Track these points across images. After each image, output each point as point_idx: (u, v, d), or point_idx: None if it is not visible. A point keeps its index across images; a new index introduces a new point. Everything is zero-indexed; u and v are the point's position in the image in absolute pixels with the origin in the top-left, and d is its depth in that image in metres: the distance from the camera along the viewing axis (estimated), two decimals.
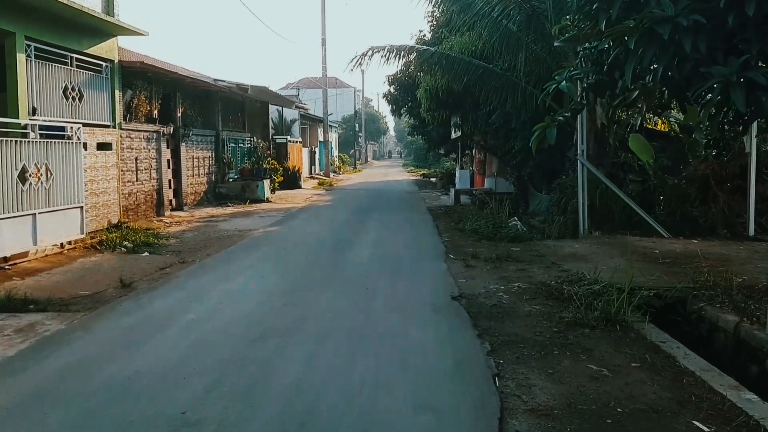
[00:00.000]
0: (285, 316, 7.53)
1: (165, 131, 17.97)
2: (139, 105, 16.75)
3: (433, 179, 39.54)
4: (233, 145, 24.55)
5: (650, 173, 15.97)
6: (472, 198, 21.74)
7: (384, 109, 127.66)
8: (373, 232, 15.47)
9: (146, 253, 11.84)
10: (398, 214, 19.90)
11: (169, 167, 18.93)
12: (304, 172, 37.35)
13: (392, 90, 30.04)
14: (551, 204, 16.71)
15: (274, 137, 31.83)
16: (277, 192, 26.31)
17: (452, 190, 23.79)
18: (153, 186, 17.46)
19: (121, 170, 15.57)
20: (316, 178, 38.43)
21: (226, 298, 8.49)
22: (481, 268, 10.52)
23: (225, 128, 23.83)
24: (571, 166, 18.85)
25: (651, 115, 19.69)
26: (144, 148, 16.89)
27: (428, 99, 21.59)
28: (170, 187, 19.02)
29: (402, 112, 30.61)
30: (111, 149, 14.90)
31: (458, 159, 33.05)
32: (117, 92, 15.24)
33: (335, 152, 56.29)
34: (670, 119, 21.56)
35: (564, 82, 7.18)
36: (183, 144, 19.66)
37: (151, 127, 17.32)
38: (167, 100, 19.02)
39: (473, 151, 28.49)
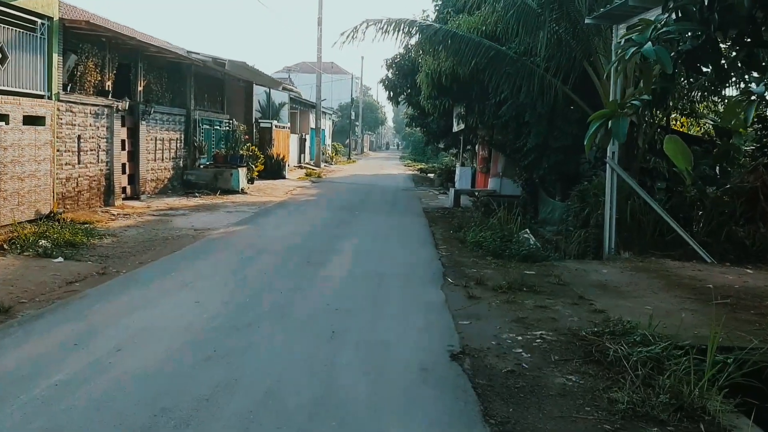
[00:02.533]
0: (200, 383, 4.97)
1: (120, 106, 15.36)
2: (86, 74, 14.15)
3: (431, 175, 36.97)
4: (207, 127, 21.92)
5: (687, 183, 13.52)
6: (474, 200, 19.21)
7: (383, 98, 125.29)
8: (356, 238, 12.92)
9: (60, 259, 9.26)
10: (389, 216, 17.35)
11: (124, 149, 16.33)
12: (291, 160, 34.73)
13: (390, 75, 27.39)
14: (567, 213, 14.21)
15: (259, 121, 29.20)
16: (256, 182, 23.71)
17: (452, 190, 21.26)
18: (101, 170, 14.86)
19: (58, 150, 12.97)
20: (305, 168, 35.84)
21: (129, 341, 5.94)
22: (489, 301, 7.98)
23: (198, 107, 21.20)
24: (591, 170, 16.44)
25: (677, 115, 17.31)
26: (91, 125, 14.27)
27: (429, 85, 19.00)
28: (125, 173, 16.43)
29: (400, 99, 27.98)
30: (44, 125, 12.30)
31: (459, 155, 30.48)
32: (56, 56, 12.62)
33: (328, 141, 53.65)
34: (706, 121, 19.16)
35: (648, 44, 4.55)
36: (143, 122, 17.04)
37: (101, 100, 14.70)
38: (125, 70, 16.39)
39: (477, 147, 25.92)
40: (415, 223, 15.88)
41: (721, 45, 4.55)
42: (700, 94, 16.80)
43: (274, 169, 27.32)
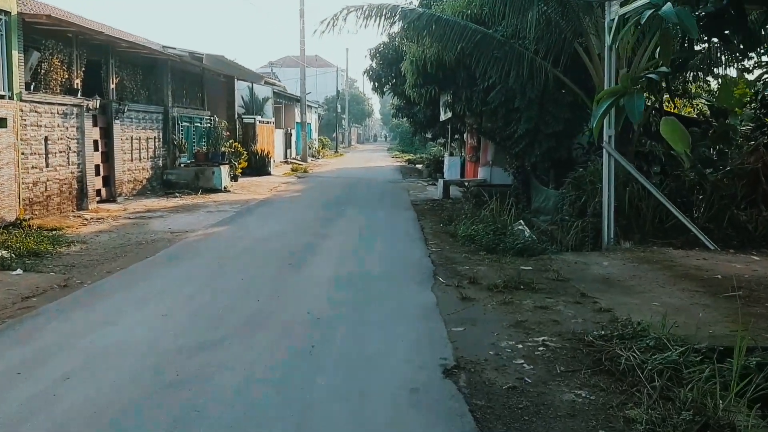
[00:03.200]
0: (156, 419, 4.31)
1: (90, 105, 14.59)
2: (51, 72, 13.39)
3: (419, 166, 36.30)
4: (187, 124, 21.15)
5: (686, 166, 12.96)
6: (464, 191, 18.57)
7: (369, 90, 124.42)
8: (342, 236, 12.26)
9: (19, 270, 8.54)
10: (377, 210, 16.69)
11: (97, 150, 15.58)
12: (277, 156, 33.98)
13: (374, 65, 26.61)
14: (562, 202, 13.59)
15: (242, 117, 28.43)
16: (240, 179, 22.96)
17: (440, 181, 20.60)
18: (72, 173, 14.11)
19: (23, 153, 12.24)
20: (291, 163, 35.09)
21: (81, 367, 5.27)
22: (484, 302, 7.35)
23: (177, 104, 20.43)
24: (585, 156, 15.85)
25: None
26: (59, 125, 13.52)
27: (414, 73, 18.30)
28: (99, 174, 15.68)
29: (385, 90, 27.22)
30: (5, 126, 11.56)
31: (447, 144, 29.84)
32: (15, 53, 11.86)
33: (314, 135, 52.84)
34: (699, 101, 18.61)
35: (667, 5, 3.87)
36: (117, 121, 16.28)
37: (69, 99, 13.94)
38: (95, 68, 15.62)
39: (465, 135, 25.28)
40: (404, 218, 15.24)
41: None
42: (692, 73, 16.25)
43: (258, 166, 26.58)
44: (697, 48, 15.67)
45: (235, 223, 13.65)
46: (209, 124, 22.63)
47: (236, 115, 26.69)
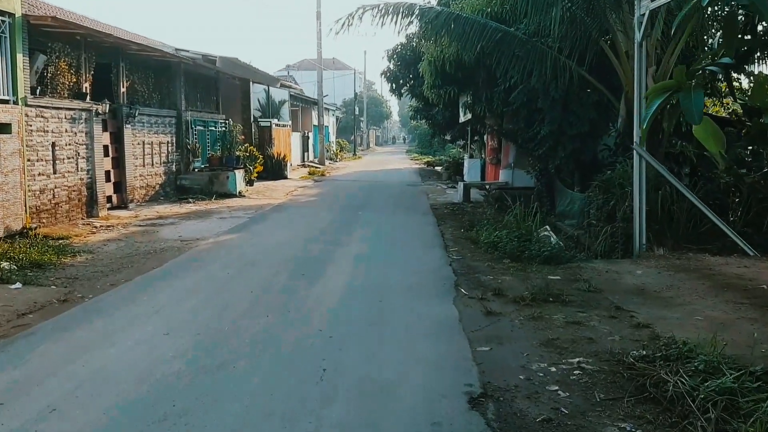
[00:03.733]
0: None
1: (100, 110, 14.22)
2: (57, 75, 13.02)
3: (438, 168, 35.71)
4: (201, 128, 20.77)
5: (720, 167, 12.30)
6: (485, 195, 17.97)
7: (387, 92, 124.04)
8: (358, 243, 11.74)
9: (18, 284, 8.10)
10: (395, 215, 16.15)
11: (107, 155, 15.21)
12: (294, 159, 33.57)
13: (392, 66, 26.14)
14: (588, 205, 12.97)
15: (258, 120, 28.05)
16: (256, 184, 22.58)
17: (460, 184, 20.00)
18: (81, 179, 13.74)
19: (29, 160, 11.87)
20: (309, 167, 34.66)
21: (69, 396, 4.79)
22: (511, 317, 6.79)
23: (190, 108, 20.05)
24: (612, 157, 15.20)
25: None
26: (67, 131, 13.14)
27: (432, 73, 17.78)
28: (110, 181, 15.30)
29: (403, 91, 26.71)
30: (10, 132, 11.17)
31: (467, 146, 29.21)
32: (20, 56, 11.50)
33: (332, 138, 52.42)
34: (729, 100, 17.86)
35: None
36: (128, 126, 15.91)
37: (77, 104, 13.56)
38: (105, 71, 15.26)
39: (485, 137, 24.65)
40: (423, 223, 14.69)
41: None
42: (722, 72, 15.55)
43: (274, 170, 26.17)
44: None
45: (247, 230, 13.19)
46: (224, 128, 22.23)
47: (252, 119, 26.32)
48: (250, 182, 21.70)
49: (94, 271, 9.07)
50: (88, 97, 14.06)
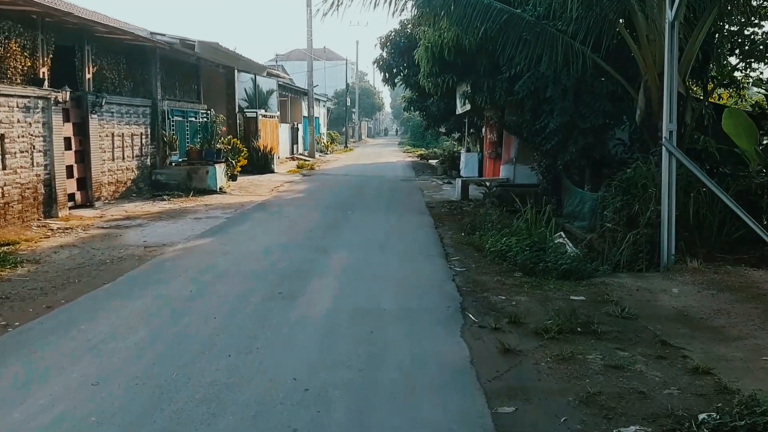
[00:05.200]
0: None
1: (60, 98, 12.72)
2: (8, 58, 11.50)
3: (433, 162, 34.31)
4: (179, 118, 19.25)
5: (753, 165, 11.04)
6: (485, 193, 16.59)
7: (379, 83, 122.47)
8: (347, 250, 10.34)
9: None
10: (388, 215, 14.73)
11: (70, 148, 13.73)
12: (282, 152, 32.09)
13: (385, 54, 24.67)
14: (601, 206, 11.63)
15: (244, 111, 26.54)
16: (240, 178, 21.08)
17: (458, 181, 18.61)
18: (38, 176, 12.25)
19: None
20: (297, 160, 33.16)
21: None
22: (536, 358, 5.42)
23: (168, 97, 18.54)
24: (627, 153, 13.87)
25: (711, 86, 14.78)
26: (18, 121, 11.65)
27: (429, 60, 16.38)
28: (73, 176, 13.82)
29: (396, 81, 25.26)
30: None
31: (463, 139, 27.84)
32: None
33: (323, 129, 50.89)
34: (748, 92, 16.59)
35: None
36: (94, 116, 14.42)
37: (32, 91, 12.05)
38: (68, 55, 13.76)
39: (483, 130, 23.28)
40: (419, 224, 13.29)
41: None
42: (739, 61, 14.28)
43: (260, 163, 24.70)
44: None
45: (223, 234, 11.76)
46: (205, 119, 20.71)
47: (237, 109, 24.80)
48: (232, 177, 20.22)
49: (32, 288, 7.63)
50: (46, 83, 12.55)
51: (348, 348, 5.65)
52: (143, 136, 17.15)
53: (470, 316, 6.63)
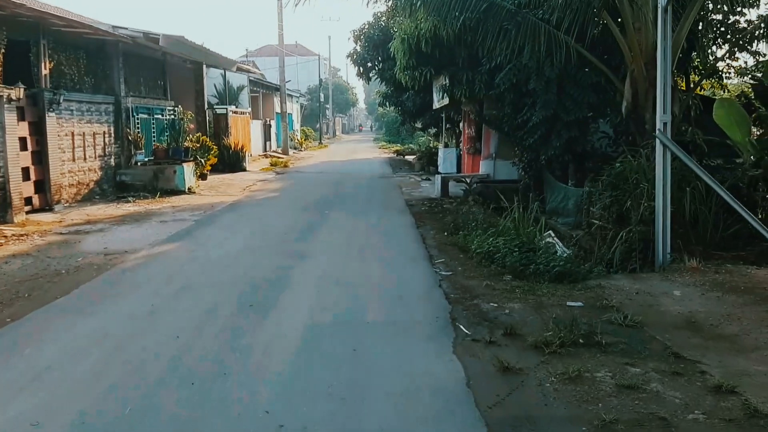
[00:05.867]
0: None
1: (12, 95, 11.86)
2: None
3: (410, 158, 33.74)
4: (145, 116, 18.39)
5: (746, 158, 10.67)
6: (466, 190, 16.04)
7: (353, 79, 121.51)
8: (324, 254, 9.69)
9: None
10: (367, 214, 14.09)
11: (25, 149, 12.86)
12: (255, 149, 31.26)
13: (359, 48, 24.00)
14: (587, 201, 11.17)
15: (214, 107, 25.69)
16: (210, 177, 20.31)
17: (438, 177, 18.03)
18: None
19: None
20: (271, 157, 32.34)
21: None
22: (539, 377, 4.84)
23: (132, 93, 17.67)
24: (611, 146, 13.43)
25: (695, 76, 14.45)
26: None
27: (406, 53, 15.74)
28: (29, 179, 12.96)
29: (371, 75, 24.61)
30: None
31: (440, 135, 27.27)
32: None
33: (296, 126, 50.04)
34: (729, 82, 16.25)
35: None
36: (52, 114, 13.56)
37: None
38: (21, 50, 12.90)
39: (462, 124, 22.74)
40: (399, 224, 12.68)
41: None
42: (726, 51, 13.89)
43: (231, 161, 23.89)
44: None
45: (190, 238, 11.02)
46: (172, 116, 19.85)
47: (206, 106, 23.94)
48: (202, 176, 19.43)
49: None
50: None
51: (328, 372, 5.01)
52: (106, 135, 16.29)
53: (462, 328, 6.03)
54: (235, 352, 5.49)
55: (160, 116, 19.43)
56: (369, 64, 24.13)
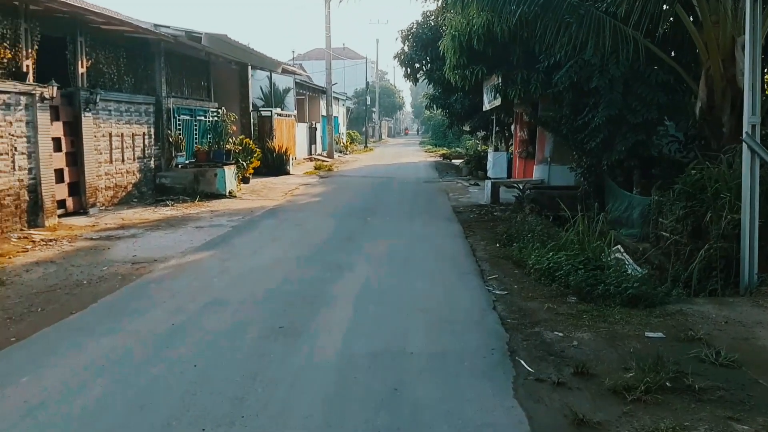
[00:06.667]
0: None
1: (47, 93, 11.43)
2: None
3: (456, 162, 32.79)
4: (187, 117, 17.94)
5: None
6: (518, 196, 15.06)
7: (400, 82, 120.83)
8: (364, 267, 8.89)
9: None
10: (411, 221, 13.26)
11: (60, 150, 12.44)
12: (299, 152, 30.76)
13: (406, 48, 23.18)
14: (657, 212, 10.08)
15: (259, 110, 25.23)
16: (252, 181, 19.79)
17: (488, 183, 17.07)
18: (20, 181, 10.98)
19: None
20: (316, 160, 31.78)
21: None
22: None
23: (174, 94, 17.24)
24: (681, 152, 12.32)
25: None
26: None
27: (457, 51, 14.86)
28: (63, 181, 12.53)
29: (419, 76, 23.77)
30: None
31: (489, 137, 26.24)
32: None
33: (342, 129, 49.52)
34: None
35: None
36: (89, 114, 13.12)
37: (12, 85, 10.78)
38: (58, 47, 12.49)
39: (513, 127, 21.71)
40: (447, 234, 11.80)
41: None
42: None
43: (275, 165, 23.34)
44: None
45: (224, 246, 10.36)
46: (215, 118, 19.37)
47: (250, 108, 23.46)
48: (244, 179, 18.91)
49: None
50: (30, 77, 11.27)
51: (364, 419, 4.18)
52: (146, 136, 15.85)
53: (523, 363, 5.14)
54: (257, 386, 4.71)
55: (202, 118, 18.97)
56: (417, 65, 23.30)
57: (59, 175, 12.31)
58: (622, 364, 5.03)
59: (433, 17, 22.30)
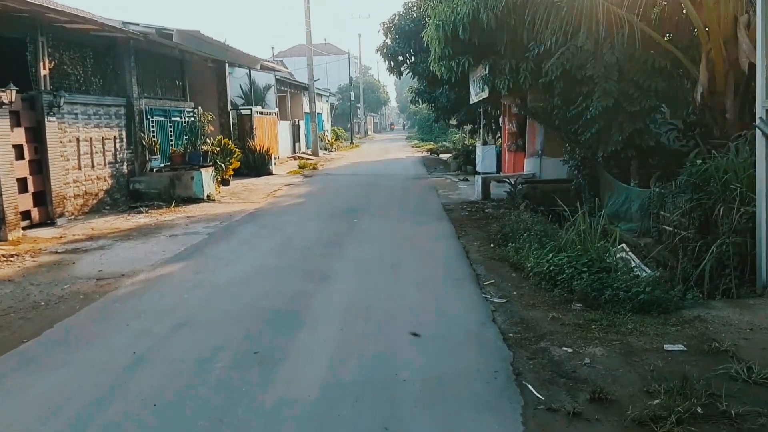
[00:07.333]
0: None
1: (5, 98, 10.65)
2: None
3: (444, 156, 32.18)
4: (161, 118, 17.14)
5: None
6: (510, 191, 14.44)
7: (384, 76, 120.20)
8: (350, 276, 8.23)
9: None
10: (400, 221, 12.60)
11: (22, 158, 11.65)
12: (282, 151, 29.99)
13: (389, 41, 22.52)
14: (658, 205, 9.51)
15: (239, 108, 24.46)
16: (233, 182, 19.05)
17: (478, 178, 16.42)
18: None
19: None
20: (300, 159, 31.01)
21: None
22: None
23: (146, 95, 16.44)
24: (681, 140, 11.77)
25: None
26: None
27: (441, 41, 14.21)
28: (27, 191, 11.74)
29: (402, 69, 23.10)
30: None
31: (477, 131, 25.62)
32: None
33: (326, 126, 48.73)
34: None
35: None
36: (53, 118, 12.32)
37: None
38: (17, 49, 11.70)
39: (501, 119, 21.09)
40: (437, 233, 11.15)
41: None
42: None
43: (257, 165, 22.59)
44: None
45: (199, 256, 9.64)
46: (192, 118, 18.59)
47: (229, 107, 22.68)
48: (224, 182, 18.17)
49: None
50: None
51: None
52: (117, 140, 15.06)
53: (530, 388, 4.49)
54: (224, 430, 4.04)
55: (178, 119, 18.19)
56: (400, 58, 22.66)
57: (22, 184, 11.53)
58: (643, 386, 4.40)
59: (415, 8, 21.66)
